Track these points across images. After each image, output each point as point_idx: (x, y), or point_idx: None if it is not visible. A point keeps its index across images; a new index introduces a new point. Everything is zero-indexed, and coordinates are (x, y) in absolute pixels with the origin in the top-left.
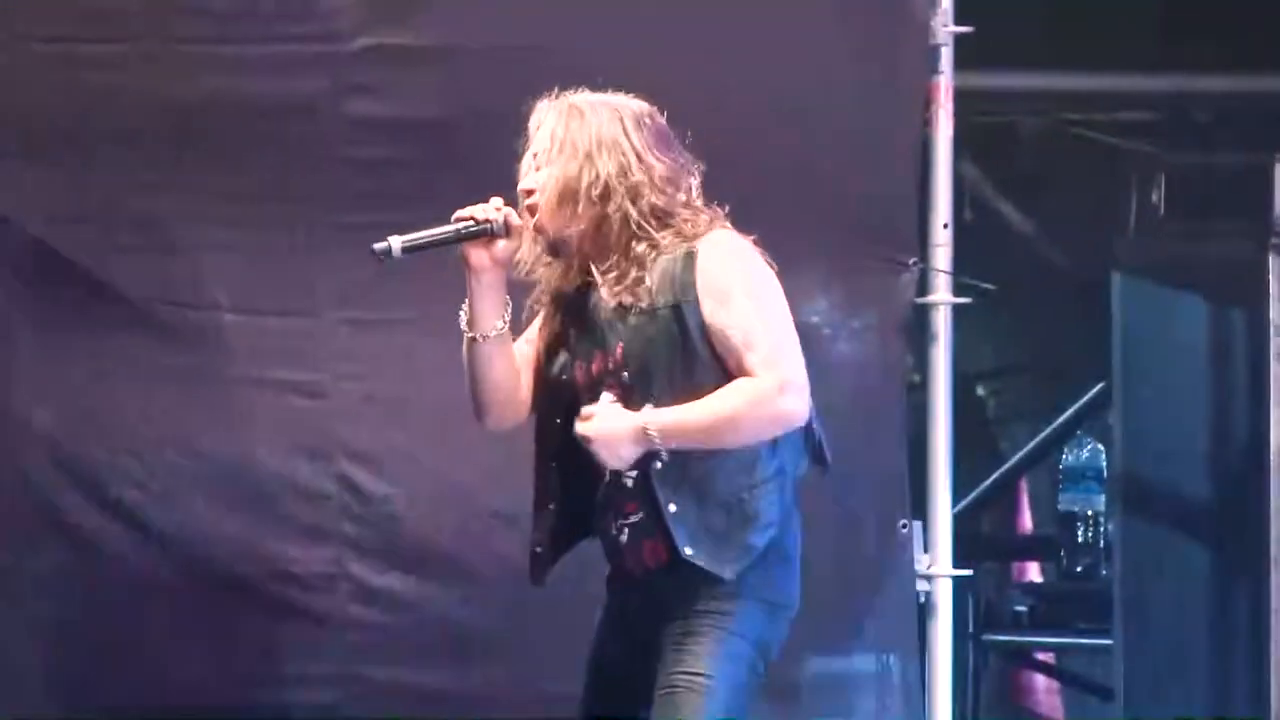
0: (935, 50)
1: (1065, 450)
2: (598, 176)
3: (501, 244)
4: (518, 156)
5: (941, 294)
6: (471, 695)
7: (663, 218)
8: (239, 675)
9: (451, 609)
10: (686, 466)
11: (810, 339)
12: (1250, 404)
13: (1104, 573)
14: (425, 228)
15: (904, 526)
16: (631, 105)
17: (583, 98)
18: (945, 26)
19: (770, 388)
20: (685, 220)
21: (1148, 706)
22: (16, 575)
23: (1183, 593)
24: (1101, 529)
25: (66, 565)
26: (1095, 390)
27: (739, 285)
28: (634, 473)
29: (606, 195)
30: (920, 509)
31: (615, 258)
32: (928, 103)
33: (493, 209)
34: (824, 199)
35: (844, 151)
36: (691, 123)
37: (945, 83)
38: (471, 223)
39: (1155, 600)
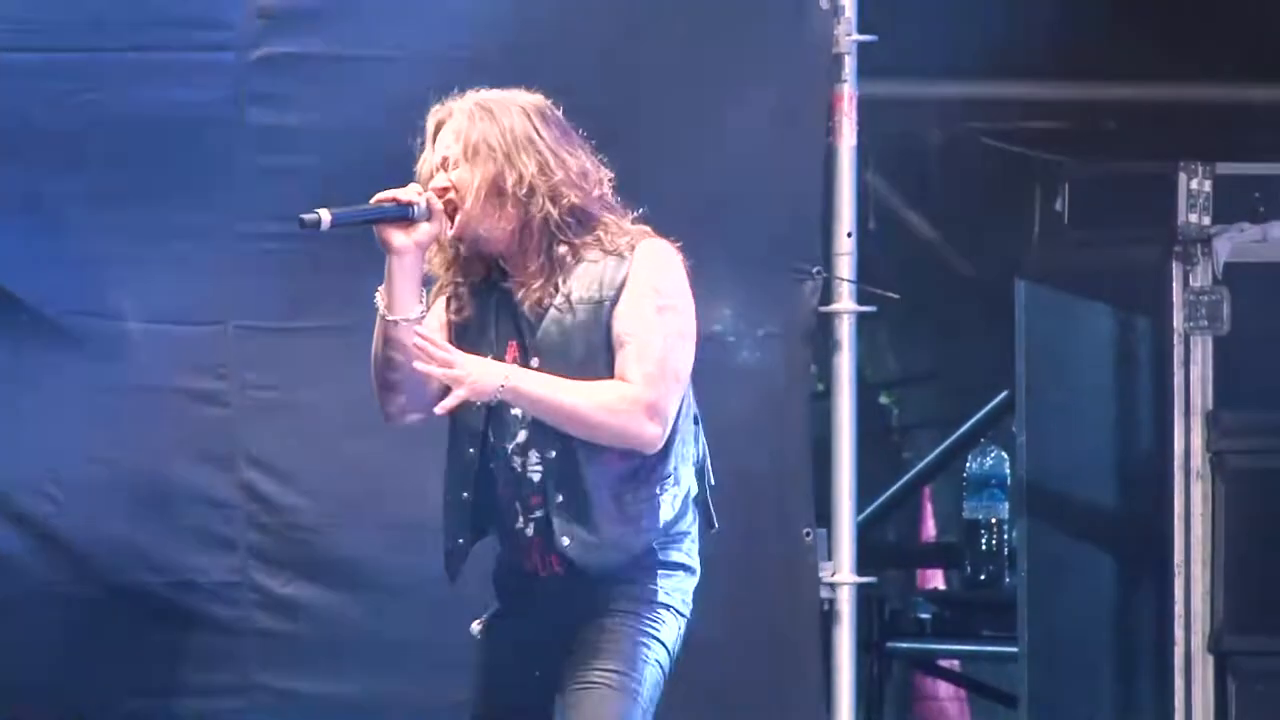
0: (839, 59)
1: (969, 458)
2: (521, 177)
3: (424, 227)
4: (415, 159)
5: (845, 302)
6: (377, 704)
7: (583, 219)
8: (144, 684)
9: (357, 618)
10: (575, 462)
11: (714, 347)
12: (1154, 411)
13: (1008, 580)
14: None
15: (808, 534)
16: (533, 100)
17: (485, 96)
18: (849, 35)
19: (641, 403)
20: (610, 224)
21: (1052, 713)
22: None
23: (1087, 600)
24: (1005, 536)
25: None
26: (999, 398)
27: (658, 298)
28: (539, 466)
29: (531, 194)
30: (824, 517)
31: (537, 258)
32: (831, 112)
33: (414, 191)
34: (728, 207)
35: (748, 160)
36: (595, 129)
37: (849, 91)
38: (395, 203)
39: (1059, 607)
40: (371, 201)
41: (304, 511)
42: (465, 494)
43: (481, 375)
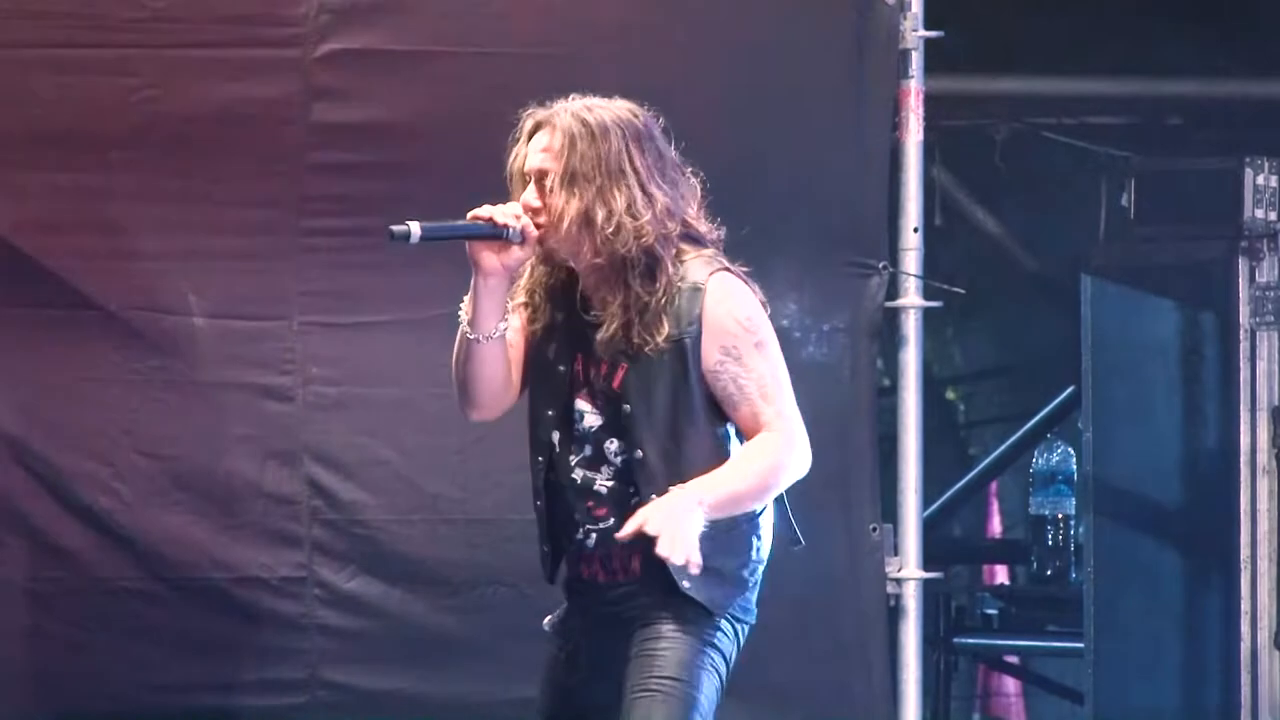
0: (905, 55)
1: (1035, 454)
2: (610, 213)
3: (515, 251)
4: (509, 155)
5: (911, 298)
6: (439, 700)
7: (662, 256)
8: (206, 679)
9: (419, 613)
10: (671, 468)
11: (781, 342)
12: (1220, 406)
13: (1074, 576)
14: (443, 219)
15: (874, 530)
16: (635, 122)
17: (590, 110)
18: (915, 31)
19: (792, 441)
20: (686, 254)
21: (1117, 709)
22: None
23: (1152, 595)
24: (1071, 532)
25: (34, 570)
26: (1065, 394)
27: (750, 336)
28: (610, 482)
29: (617, 232)
30: (890, 512)
31: (615, 293)
32: (898, 107)
33: (512, 215)
34: (795, 203)
35: (815, 156)
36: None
37: (915, 87)
38: (491, 224)
39: (1125, 603)
40: (468, 217)
41: (367, 507)
42: (539, 502)
43: (683, 515)
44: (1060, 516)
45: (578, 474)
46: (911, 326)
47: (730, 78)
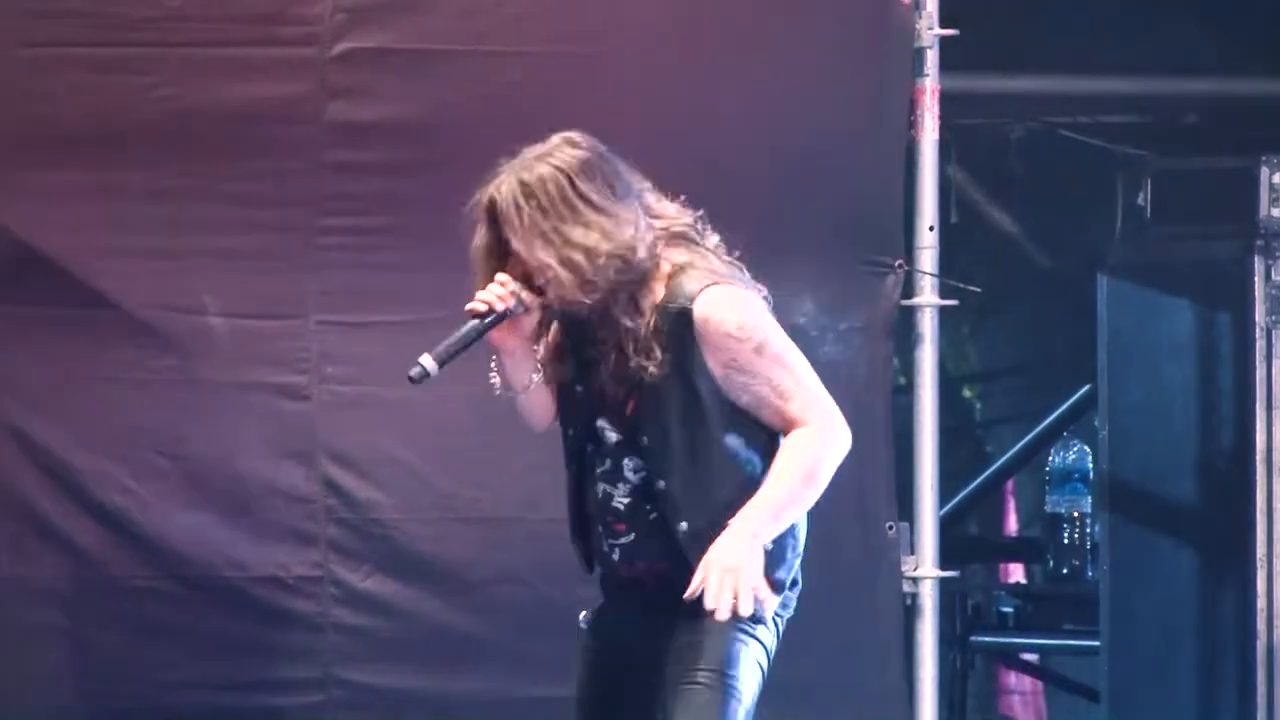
0: (920, 53)
1: (1051, 452)
2: (587, 248)
3: (524, 320)
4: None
5: (927, 296)
6: (455, 699)
7: (641, 277)
8: (222, 678)
9: (435, 612)
10: (699, 520)
11: (796, 341)
12: (1236, 405)
13: (1090, 574)
14: (446, 337)
15: (890, 529)
16: (573, 156)
17: (522, 168)
18: (930, 29)
19: (821, 429)
20: (676, 266)
21: (1134, 708)
22: (2, 582)
23: (1169, 594)
24: (1088, 530)
25: (52, 571)
26: (1081, 392)
27: (746, 344)
28: (627, 499)
29: (600, 261)
30: (906, 511)
31: (608, 325)
32: (913, 106)
33: (506, 292)
34: (810, 202)
35: (830, 154)
36: (677, 127)
37: (931, 85)
38: (491, 314)
39: (1141, 601)
40: (466, 309)
41: (384, 506)
42: (570, 506)
43: (743, 561)
44: (1076, 515)
45: (599, 488)
46: (927, 325)
47: (746, 76)
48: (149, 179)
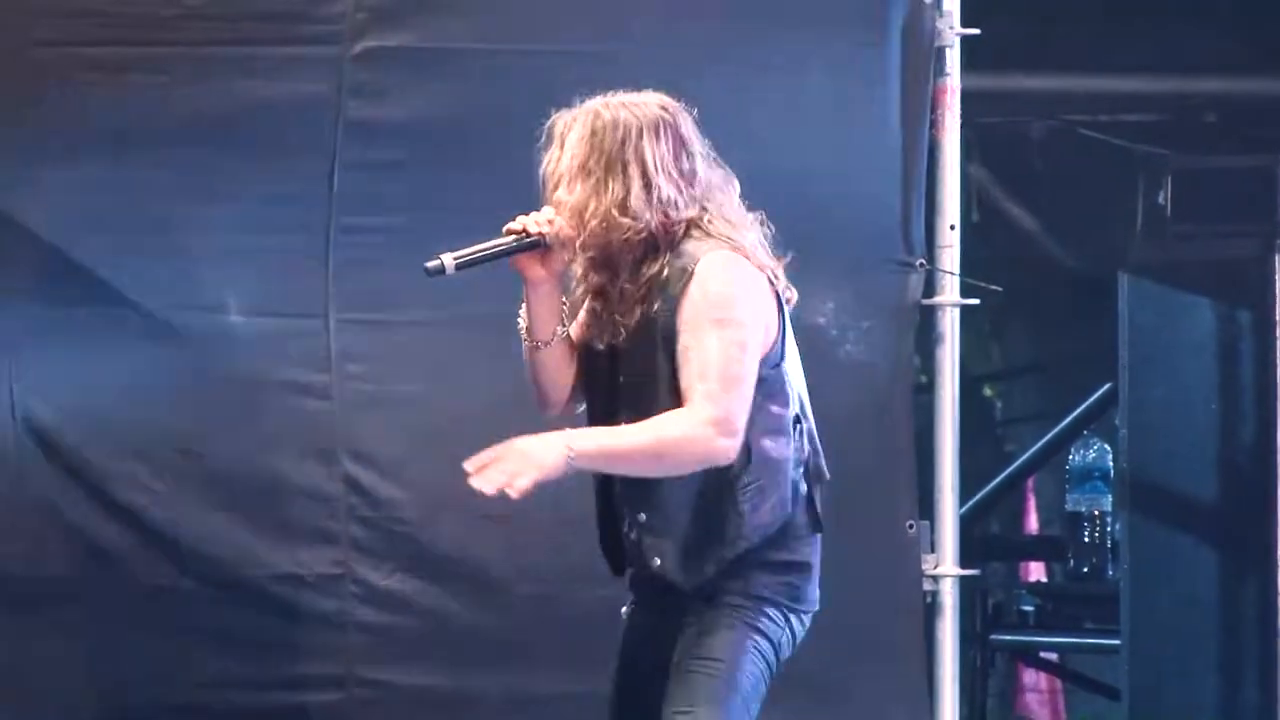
0: (942, 52)
1: (1072, 451)
2: (598, 207)
3: (557, 255)
4: (539, 162)
5: (948, 295)
6: (476, 698)
7: (671, 237)
8: (244, 676)
9: (457, 611)
10: (654, 484)
11: (817, 340)
12: (1256, 403)
13: (1110, 573)
14: (476, 242)
15: (911, 527)
16: (651, 111)
17: (605, 106)
18: (952, 29)
19: (706, 423)
20: (696, 237)
21: (1154, 706)
22: (22, 581)
23: (1190, 592)
24: (1108, 529)
25: (72, 570)
26: (1102, 391)
27: (714, 311)
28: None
29: (603, 225)
30: (927, 509)
31: (632, 275)
32: (935, 105)
33: (545, 221)
34: (831, 201)
35: (852, 154)
36: (699, 123)
37: (952, 85)
38: (524, 236)
39: (1162, 600)
40: (503, 230)
41: (405, 505)
42: (596, 497)
43: (543, 456)
44: (1097, 513)
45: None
46: (948, 324)
47: (767, 76)
48: (169, 178)
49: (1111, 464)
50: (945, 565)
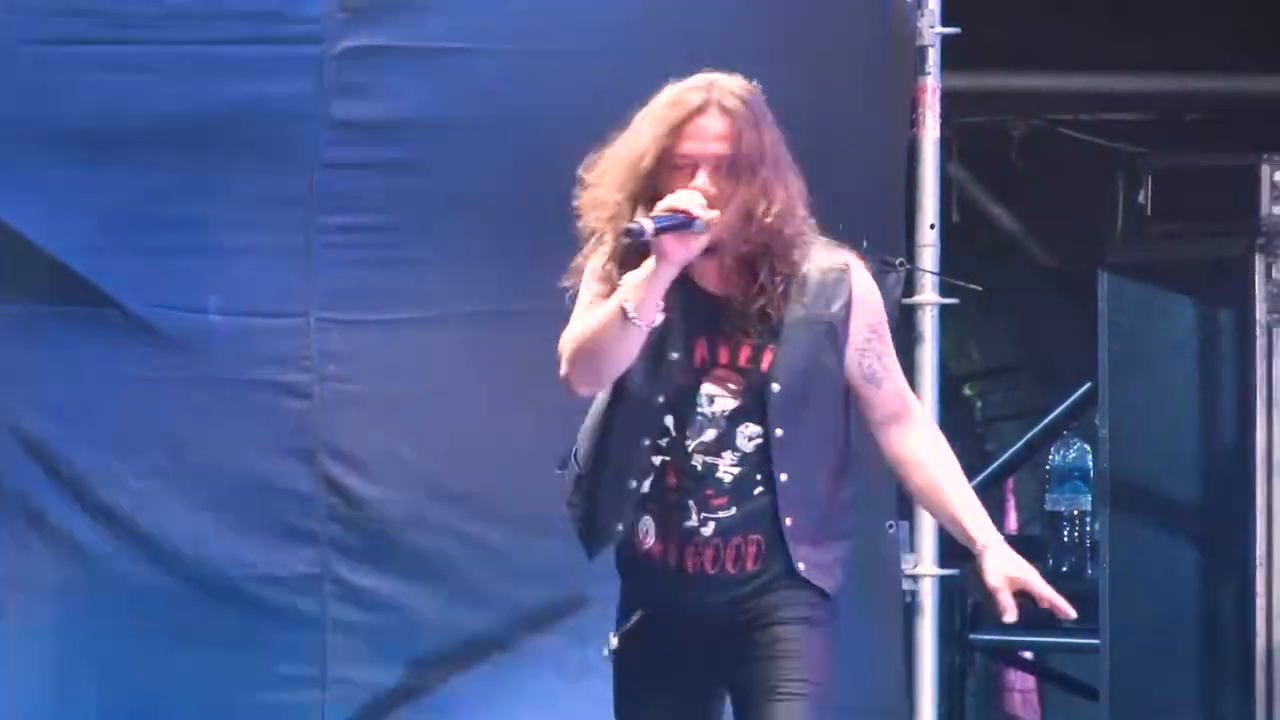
0: (922, 51)
1: (1052, 450)
2: (770, 203)
3: (699, 240)
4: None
5: (928, 294)
6: (455, 698)
7: (801, 236)
8: (222, 675)
9: (435, 610)
10: (810, 484)
11: None
12: (1237, 403)
13: (1090, 572)
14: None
15: (891, 527)
16: (768, 109)
17: (751, 96)
18: (932, 28)
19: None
20: (817, 237)
21: (1133, 706)
22: (2, 580)
23: (1169, 592)
24: (1088, 529)
25: (53, 568)
26: (1082, 390)
27: (885, 318)
28: (737, 469)
29: (778, 219)
30: (906, 509)
31: (759, 273)
32: (915, 104)
33: (698, 204)
34: (810, 199)
35: (831, 152)
36: None
37: (932, 84)
38: (686, 215)
39: (1141, 600)
40: (660, 209)
41: (384, 504)
42: (633, 483)
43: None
44: (1076, 513)
45: (698, 460)
46: (928, 323)
47: (749, 75)
48: (151, 177)
49: (1091, 464)
50: (925, 565)
